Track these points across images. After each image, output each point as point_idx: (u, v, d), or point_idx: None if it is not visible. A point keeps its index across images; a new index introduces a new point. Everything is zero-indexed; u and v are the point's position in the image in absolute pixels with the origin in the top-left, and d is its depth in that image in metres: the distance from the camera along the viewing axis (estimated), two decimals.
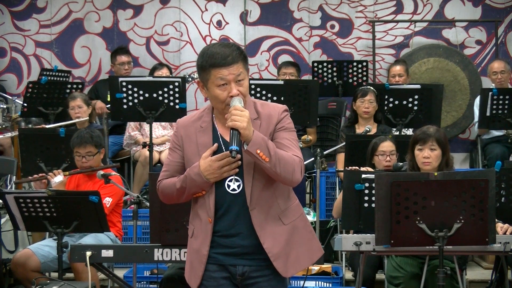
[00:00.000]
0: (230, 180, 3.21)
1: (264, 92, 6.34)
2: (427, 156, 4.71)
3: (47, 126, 6.75)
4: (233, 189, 3.21)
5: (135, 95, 6.43)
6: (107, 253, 4.40)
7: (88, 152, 5.58)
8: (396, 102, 6.79)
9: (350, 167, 5.56)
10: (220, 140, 3.24)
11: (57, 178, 5.52)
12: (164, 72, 7.76)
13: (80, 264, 4.84)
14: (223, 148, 3.21)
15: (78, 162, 5.62)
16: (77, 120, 6.78)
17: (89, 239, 5.33)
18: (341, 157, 6.50)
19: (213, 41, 8.87)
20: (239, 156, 3.15)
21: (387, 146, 5.60)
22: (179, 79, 6.51)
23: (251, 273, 3.24)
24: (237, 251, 3.23)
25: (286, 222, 3.25)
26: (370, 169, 5.39)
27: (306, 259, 3.31)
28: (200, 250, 3.25)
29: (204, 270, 3.25)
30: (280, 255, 3.21)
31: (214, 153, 3.20)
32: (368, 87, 6.73)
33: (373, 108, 6.63)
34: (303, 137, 6.71)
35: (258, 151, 3.07)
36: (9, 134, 6.95)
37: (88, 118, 6.87)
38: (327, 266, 5.57)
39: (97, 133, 5.73)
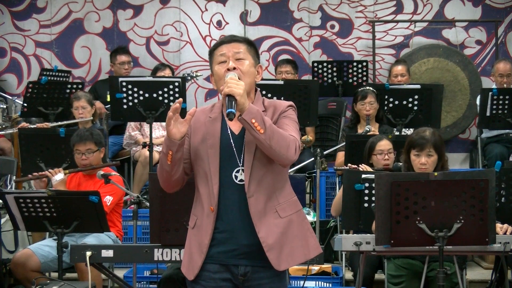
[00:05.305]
0: (237, 171, 3.20)
1: (264, 92, 6.31)
2: (424, 163, 4.66)
3: (50, 125, 6.75)
4: (241, 180, 3.20)
5: (135, 95, 6.43)
6: (107, 253, 4.39)
7: (88, 149, 5.58)
8: (396, 102, 6.78)
9: (349, 165, 5.57)
10: (229, 131, 3.24)
11: (58, 176, 5.51)
12: (166, 73, 7.76)
13: (84, 264, 4.84)
14: (231, 140, 3.22)
15: (78, 160, 5.61)
16: (80, 120, 6.78)
17: (91, 239, 5.34)
18: (340, 155, 6.49)
19: (213, 41, 8.87)
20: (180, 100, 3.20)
21: (384, 144, 5.60)
22: (179, 79, 6.51)
23: (253, 274, 3.22)
24: (240, 251, 3.20)
25: (283, 216, 3.22)
26: (368, 168, 5.39)
27: (301, 255, 3.25)
28: (202, 240, 3.21)
29: (204, 269, 3.22)
30: (274, 247, 3.18)
31: (223, 144, 3.21)
32: (368, 88, 6.70)
33: (374, 109, 6.60)
34: (303, 138, 6.70)
35: (253, 121, 3.05)
36: (9, 131, 6.95)
37: (92, 118, 6.87)
38: (327, 266, 5.57)
39: (97, 132, 5.75)
